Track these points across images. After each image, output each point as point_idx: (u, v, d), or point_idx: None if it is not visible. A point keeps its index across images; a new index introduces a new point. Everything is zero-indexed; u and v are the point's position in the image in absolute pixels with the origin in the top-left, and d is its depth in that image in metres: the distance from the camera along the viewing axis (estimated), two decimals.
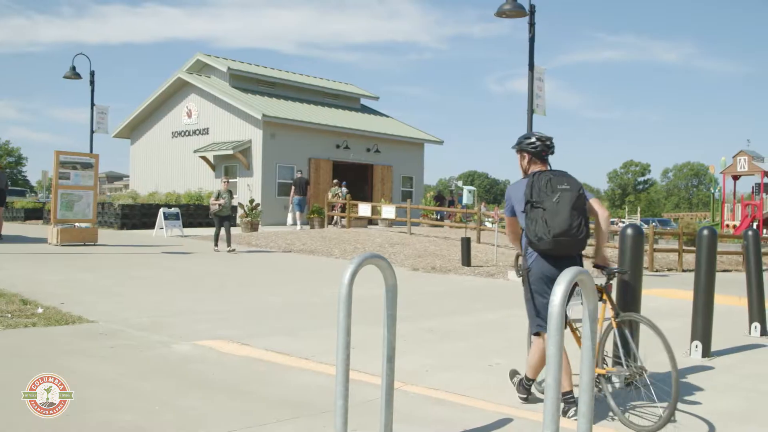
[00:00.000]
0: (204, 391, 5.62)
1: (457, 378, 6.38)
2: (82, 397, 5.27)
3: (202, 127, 35.38)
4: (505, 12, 14.97)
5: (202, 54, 37.44)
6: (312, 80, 40.91)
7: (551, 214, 5.16)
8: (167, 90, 37.00)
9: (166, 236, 23.43)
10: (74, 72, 24.97)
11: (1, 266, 13.44)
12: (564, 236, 5.17)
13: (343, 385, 3.50)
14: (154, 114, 38.22)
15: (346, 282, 3.48)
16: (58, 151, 19.07)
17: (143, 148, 38.88)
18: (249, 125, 32.83)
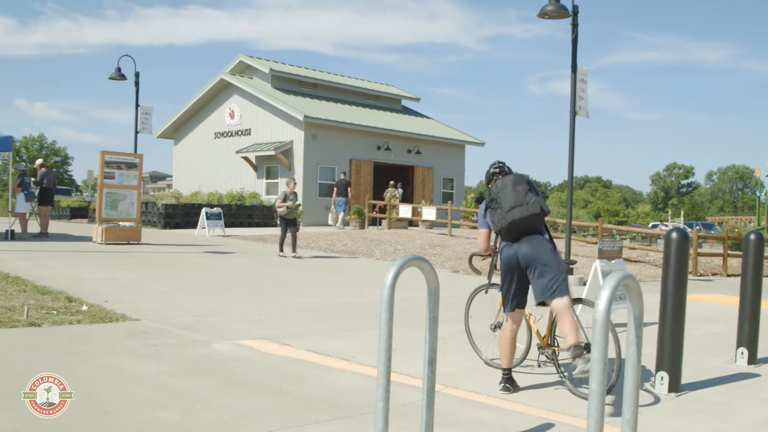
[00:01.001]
0: (245, 391, 5.64)
1: (496, 381, 6.32)
2: (124, 394, 5.32)
3: (244, 127, 35.62)
4: (548, 13, 14.83)
5: (245, 55, 37.70)
6: (353, 81, 41.00)
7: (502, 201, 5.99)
8: (210, 91, 37.31)
9: (208, 236, 23.63)
10: (119, 73, 25.24)
11: (47, 264, 13.64)
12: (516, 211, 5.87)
13: (384, 387, 3.48)
14: (197, 115, 38.57)
15: (388, 284, 3.46)
16: (104, 151, 19.32)
17: (186, 149, 39.25)
18: (291, 126, 32.98)
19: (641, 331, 3.58)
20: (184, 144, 39.49)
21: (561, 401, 5.80)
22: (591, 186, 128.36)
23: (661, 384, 6.19)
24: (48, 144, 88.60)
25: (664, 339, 6.26)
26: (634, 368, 3.53)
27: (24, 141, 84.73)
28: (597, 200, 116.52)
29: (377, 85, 42.85)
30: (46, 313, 8.40)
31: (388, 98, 41.61)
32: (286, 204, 17.33)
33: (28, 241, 18.78)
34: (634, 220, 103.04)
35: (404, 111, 42.36)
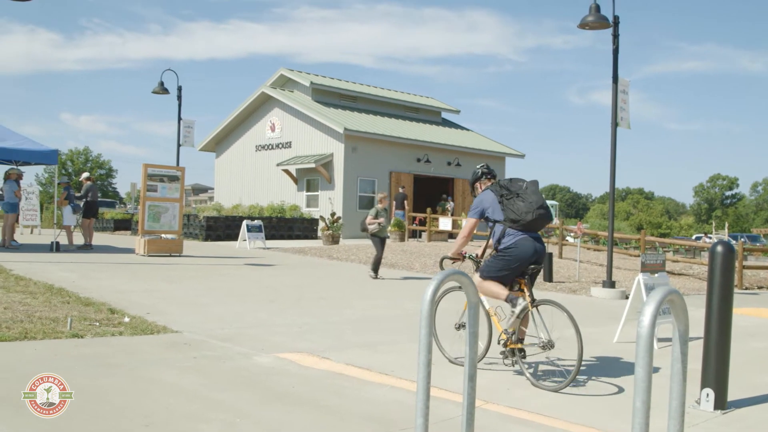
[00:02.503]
0: (284, 404, 5.64)
1: (537, 397, 6.25)
2: (165, 406, 5.35)
3: (284, 140, 35.85)
4: (589, 23, 14.74)
5: (285, 69, 37.99)
6: (393, 94, 41.09)
7: (525, 196, 6.79)
8: (251, 104, 37.65)
9: (249, 248, 23.76)
10: (162, 87, 25.59)
11: (90, 275, 13.81)
12: (542, 209, 6.75)
13: (423, 403, 3.44)
14: (238, 128, 38.92)
15: (428, 299, 3.43)
16: (147, 164, 19.54)
17: (227, 161, 39.60)
18: (331, 139, 33.13)
19: (686, 347, 3.50)
20: (225, 157, 39.84)
21: (599, 415, 5.71)
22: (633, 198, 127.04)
23: (707, 401, 6.07)
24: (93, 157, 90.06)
25: (710, 355, 6.14)
26: (679, 386, 3.46)
27: (70, 154, 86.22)
28: (639, 212, 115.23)
29: (417, 97, 42.89)
30: (89, 324, 8.49)
31: (427, 110, 41.63)
32: (378, 221, 16.11)
33: (73, 253, 19.04)
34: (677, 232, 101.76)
35: (444, 123, 42.33)
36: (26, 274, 12.97)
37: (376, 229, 16.09)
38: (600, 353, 8.45)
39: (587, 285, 16.11)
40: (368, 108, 38.21)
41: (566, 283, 16.49)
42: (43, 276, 12.93)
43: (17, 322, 8.26)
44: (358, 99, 38.21)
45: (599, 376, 7.16)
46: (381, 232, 16.21)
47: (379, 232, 16.14)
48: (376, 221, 16.06)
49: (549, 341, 6.52)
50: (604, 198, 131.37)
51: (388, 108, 39.37)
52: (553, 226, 26.86)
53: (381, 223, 16.12)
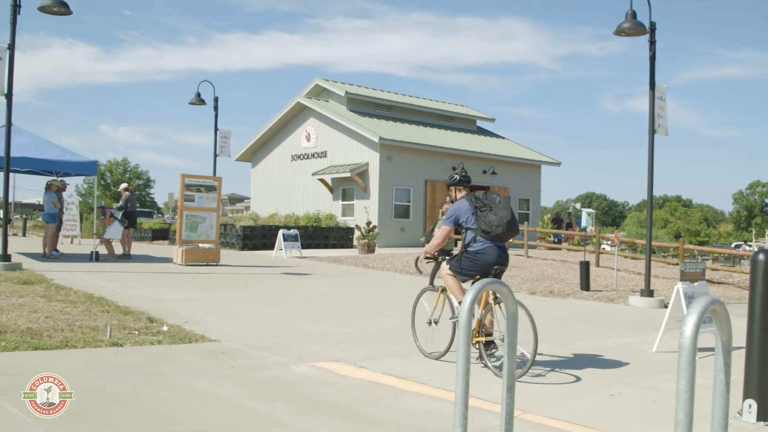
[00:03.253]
0: (321, 414, 5.64)
1: (576, 407, 6.19)
2: (203, 415, 5.38)
3: (320, 150, 36.00)
4: (625, 30, 14.62)
5: (321, 79, 38.17)
6: (427, 103, 41.11)
7: (497, 211, 7.51)
8: (287, 114, 37.87)
9: (285, 257, 23.87)
10: (199, 98, 25.86)
11: (129, 285, 13.95)
12: (507, 224, 7.45)
13: (461, 413, 3.42)
14: (274, 138, 39.17)
15: (466, 308, 3.42)
16: (184, 174, 19.73)
17: (263, 171, 39.85)
18: (366, 148, 33.20)
19: (730, 358, 3.45)
20: (261, 166, 40.10)
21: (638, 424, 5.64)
22: (670, 205, 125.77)
23: (749, 412, 5.97)
24: (131, 168, 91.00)
25: (752, 365, 6.04)
26: (722, 397, 3.41)
27: (108, 165, 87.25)
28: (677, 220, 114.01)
29: (452, 105, 42.87)
30: (128, 333, 8.57)
31: (462, 119, 41.58)
32: None
33: (112, 262, 19.26)
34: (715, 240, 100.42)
35: (479, 131, 42.25)
36: (67, 284, 13.15)
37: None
38: (639, 363, 8.36)
39: (625, 294, 15.95)
40: (403, 117, 38.26)
41: (603, 292, 16.34)
42: (83, 285, 13.10)
43: (58, 331, 8.38)
44: (393, 108, 38.27)
45: (639, 386, 7.08)
46: (447, 245, 15.56)
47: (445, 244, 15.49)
48: None
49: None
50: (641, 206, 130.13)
51: (423, 117, 39.39)
52: (589, 235, 26.66)
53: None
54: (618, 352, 9.21)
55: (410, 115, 38.80)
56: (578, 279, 17.14)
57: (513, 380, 3.73)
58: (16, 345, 7.45)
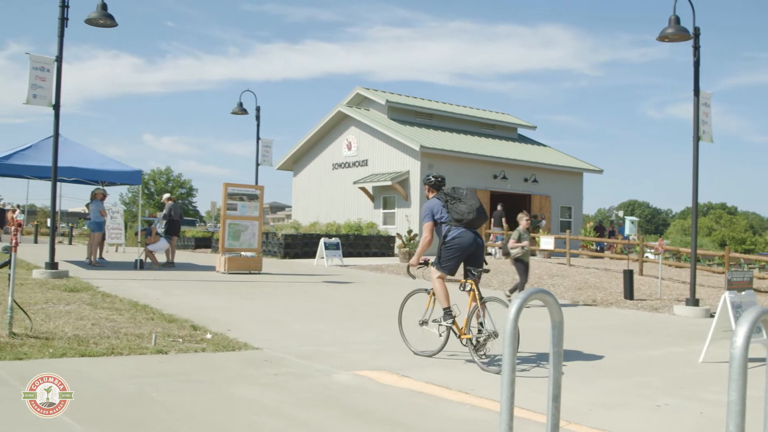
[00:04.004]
0: (363, 422, 5.64)
1: (622, 418, 6.12)
2: (246, 423, 5.41)
3: (361, 158, 36.09)
4: (668, 36, 14.47)
5: (361, 88, 38.29)
6: (468, 111, 41.02)
7: (466, 200, 8.42)
8: (328, 123, 38.04)
9: (326, 266, 23.94)
10: (241, 108, 26.09)
11: (173, 293, 14.10)
12: (474, 214, 8.32)
13: (507, 424, 3.40)
14: (315, 147, 39.35)
15: (512, 318, 3.40)
16: (227, 183, 19.90)
17: (305, 180, 40.04)
18: (407, 156, 33.21)
19: None
20: (302, 175, 40.31)
21: None
22: (715, 213, 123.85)
23: None
24: (174, 177, 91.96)
25: None
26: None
27: (152, 174, 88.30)
28: (722, 227, 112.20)
29: (492, 113, 42.73)
30: (172, 340, 8.67)
31: (503, 127, 41.42)
32: (522, 244, 14.54)
33: (156, 270, 19.48)
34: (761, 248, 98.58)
35: (520, 139, 42.06)
36: (112, 291, 13.33)
37: (520, 253, 14.53)
38: (686, 374, 8.25)
39: (669, 303, 15.75)
40: (444, 125, 38.22)
41: (648, 301, 16.15)
42: (128, 293, 13.27)
43: (104, 338, 8.50)
44: (434, 116, 38.24)
45: (686, 397, 6.98)
46: (525, 256, 14.66)
47: (522, 256, 14.59)
48: (520, 244, 14.53)
49: (494, 332, 7.92)
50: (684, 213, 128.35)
51: (464, 125, 39.31)
52: (633, 243, 26.38)
53: (525, 246, 14.58)
54: (663, 362, 9.10)
55: (451, 124, 38.74)
56: (621, 288, 16.96)
57: (559, 390, 3.70)
58: (64, 351, 7.57)
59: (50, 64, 15.74)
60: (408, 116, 37.19)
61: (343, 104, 37.75)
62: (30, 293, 12.34)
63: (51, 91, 15.76)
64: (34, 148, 19.32)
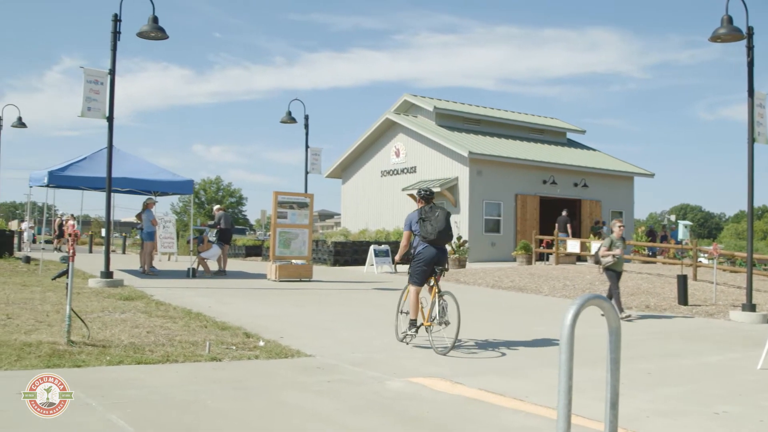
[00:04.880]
0: (418, 430, 5.63)
1: (679, 425, 6.02)
2: (301, 430, 5.44)
3: (409, 165, 36.09)
4: (721, 36, 14.22)
5: (409, 94, 38.29)
6: (516, 116, 40.78)
7: (433, 222, 9.65)
8: (376, 130, 38.11)
9: (376, 272, 23.98)
10: (290, 117, 26.27)
11: (225, 300, 14.24)
12: (440, 232, 9.61)
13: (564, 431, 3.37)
14: (363, 154, 39.44)
15: (568, 323, 3.36)
16: (277, 191, 20.06)
17: (353, 187, 40.16)
18: (455, 162, 33.13)
19: None
20: (351, 183, 40.42)
21: None
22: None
23: None
24: (224, 186, 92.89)
25: None
26: None
27: (202, 183, 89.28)
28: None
29: (541, 118, 42.43)
30: (225, 348, 8.75)
31: (552, 131, 41.10)
32: (614, 252, 13.81)
33: (208, 279, 19.69)
34: None
35: (569, 144, 41.68)
36: (166, 300, 13.50)
37: (611, 262, 13.86)
38: (744, 380, 8.09)
39: (725, 308, 15.45)
40: (492, 131, 38.05)
41: (702, 307, 15.87)
42: (182, 301, 13.43)
43: (159, 346, 8.61)
44: (482, 122, 38.11)
45: (745, 404, 6.85)
46: (617, 266, 13.98)
47: (614, 265, 13.92)
48: (611, 253, 13.85)
49: (446, 320, 9.30)
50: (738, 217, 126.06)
51: (512, 130, 39.08)
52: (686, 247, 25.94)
53: (617, 255, 13.80)
54: (721, 369, 8.94)
55: (499, 129, 38.55)
56: (675, 293, 16.69)
57: (617, 397, 3.65)
58: (120, 359, 7.69)
59: (104, 77, 16.03)
60: (456, 122, 37.10)
61: (390, 111, 37.80)
62: (86, 302, 12.55)
63: (105, 103, 16.05)
64: (89, 160, 19.67)
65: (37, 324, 9.82)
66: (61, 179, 19.05)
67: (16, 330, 9.23)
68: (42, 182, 19.17)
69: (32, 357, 7.51)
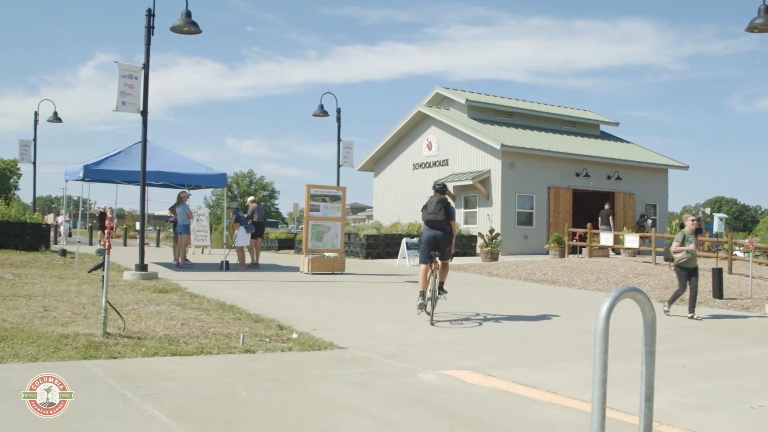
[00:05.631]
0: (451, 422, 5.63)
1: (714, 420, 5.96)
2: (334, 423, 5.46)
3: (441, 158, 36.02)
4: (758, 26, 14.04)
5: (441, 87, 38.18)
6: (549, 108, 40.50)
7: (428, 207, 11.80)
8: (408, 124, 38.07)
9: (408, 265, 23.98)
10: (322, 110, 26.36)
11: (259, 293, 14.33)
12: (430, 216, 11.69)
13: (599, 424, 3.35)
14: (395, 147, 39.42)
15: (603, 316, 3.35)
16: (309, 185, 20.11)
17: (385, 180, 40.16)
18: (488, 155, 33.01)
19: None
20: (383, 176, 40.43)
21: None
22: None
23: None
24: (256, 179, 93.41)
25: None
26: None
27: (235, 177, 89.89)
28: None
29: (574, 110, 42.12)
30: (259, 340, 8.81)
31: (585, 124, 40.77)
32: (688, 248, 13.05)
33: (241, 272, 19.82)
34: None
35: (603, 136, 41.33)
36: (200, 292, 13.62)
37: (684, 258, 13.10)
38: None
39: (761, 302, 15.26)
40: (524, 123, 37.83)
41: (738, 300, 15.69)
42: (215, 294, 13.54)
43: (194, 338, 8.69)
44: (514, 114, 37.90)
45: None
46: (690, 263, 13.23)
47: (687, 262, 13.20)
48: (684, 248, 13.09)
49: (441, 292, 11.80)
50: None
51: (545, 122, 38.84)
52: (721, 240, 25.64)
53: (691, 250, 13.04)
54: (757, 363, 8.84)
55: (532, 122, 38.32)
56: (710, 287, 16.51)
57: (651, 391, 3.63)
58: (156, 351, 7.77)
59: (138, 71, 16.17)
60: (488, 115, 36.95)
61: (422, 104, 37.73)
62: (122, 294, 12.70)
63: (139, 98, 16.19)
64: (123, 154, 19.88)
65: (73, 316, 9.95)
66: (96, 173, 19.25)
67: (53, 322, 9.37)
68: (77, 176, 19.39)
69: (69, 348, 7.62)
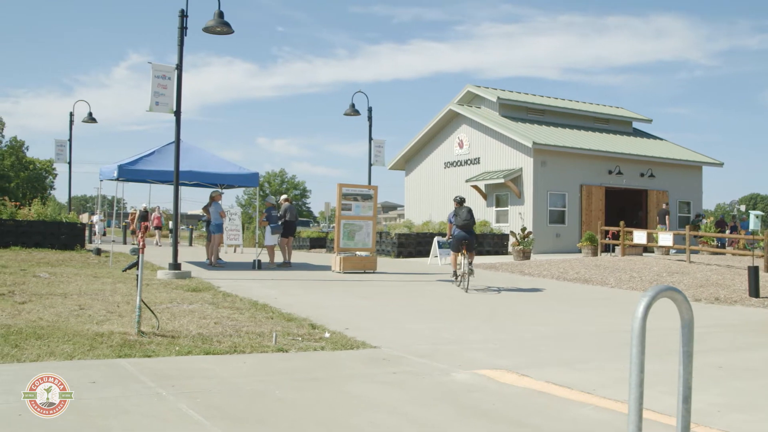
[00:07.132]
0: (485, 422, 5.61)
1: (754, 421, 5.88)
2: (368, 421, 5.46)
3: (473, 156, 35.92)
4: None
5: (472, 86, 38.06)
6: (581, 105, 40.23)
7: (460, 215, 16.14)
8: (439, 122, 38.02)
9: (440, 264, 23.94)
10: (353, 109, 26.39)
11: (291, 292, 14.38)
12: (464, 222, 16.02)
13: (636, 425, 3.31)
14: (426, 146, 39.39)
15: (640, 316, 3.31)
16: (341, 183, 20.13)
17: (417, 179, 40.14)
18: (519, 153, 32.87)
19: None
20: (414, 174, 40.41)
21: None
22: None
23: None
24: (288, 178, 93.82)
25: None
26: None
27: (267, 176, 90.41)
28: None
29: (606, 108, 41.77)
30: (292, 339, 8.84)
31: (617, 121, 40.45)
32: None
33: (273, 271, 19.90)
34: None
35: (635, 133, 40.98)
36: (232, 291, 13.69)
37: None
38: None
39: None
40: (556, 121, 37.61)
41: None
42: (248, 293, 13.60)
43: (227, 337, 8.74)
44: (546, 112, 37.69)
45: None
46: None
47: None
48: None
49: (472, 271, 16.03)
50: None
51: (577, 120, 38.57)
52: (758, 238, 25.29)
53: None
54: None
55: (563, 119, 38.08)
56: (746, 285, 16.29)
57: (689, 391, 3.58)
58: (189, 349, 7.82)
59: (171, 72, 16.29)
60: (519, 113, 36.77)
61: (453, 102, 37.66)
62: (155, 293, 12.80)
63: (172, 98, 16.32)
64: (157, 154, 20.04)
65: (108, 314, 10.05)
66: (131, 173, 19.43)
67: (88, 320, 9.47)
68: (112, 176, 19.58)
69: (104, 347, 7.70)
